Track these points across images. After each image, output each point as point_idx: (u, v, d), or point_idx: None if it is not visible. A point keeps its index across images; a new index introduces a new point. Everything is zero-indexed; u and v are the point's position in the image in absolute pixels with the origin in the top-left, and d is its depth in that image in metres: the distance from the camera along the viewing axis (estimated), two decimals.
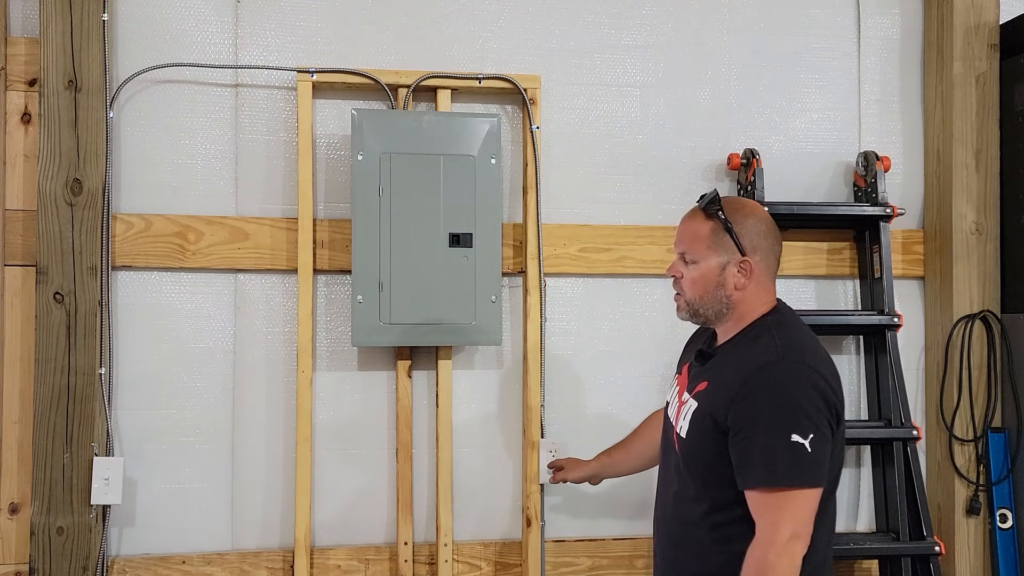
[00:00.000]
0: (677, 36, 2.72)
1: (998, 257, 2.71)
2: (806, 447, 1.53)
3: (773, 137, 2.75)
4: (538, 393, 2.55)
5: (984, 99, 2.71)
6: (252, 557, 2.46)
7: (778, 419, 1.56)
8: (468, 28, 2.62)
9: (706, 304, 1.73)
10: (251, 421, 2.49)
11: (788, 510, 1.53)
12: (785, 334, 1.68)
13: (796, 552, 1.52)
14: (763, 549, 1.53)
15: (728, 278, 1.70)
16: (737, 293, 1.71)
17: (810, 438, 1.54)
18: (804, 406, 1.56)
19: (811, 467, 1.54)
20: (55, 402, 2.32)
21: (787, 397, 1.57)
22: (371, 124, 2.41)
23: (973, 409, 2.68)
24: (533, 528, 2.53)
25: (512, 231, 2.60)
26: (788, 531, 1.52)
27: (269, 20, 2.54)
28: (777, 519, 1.53)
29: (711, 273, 1.71)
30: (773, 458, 1.54)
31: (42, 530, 2.30)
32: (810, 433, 1.54)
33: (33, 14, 2.41)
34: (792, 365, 1.61)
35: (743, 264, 1.69)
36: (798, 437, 1.53)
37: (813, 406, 1.56)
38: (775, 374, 1.60)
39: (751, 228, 1.71)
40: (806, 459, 1.53)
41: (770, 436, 1.55)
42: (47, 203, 2.33)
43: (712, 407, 1.66)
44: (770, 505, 1.54)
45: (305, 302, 2.45)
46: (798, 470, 1.53)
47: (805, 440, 1.53)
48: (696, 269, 1.72)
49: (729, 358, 1.72)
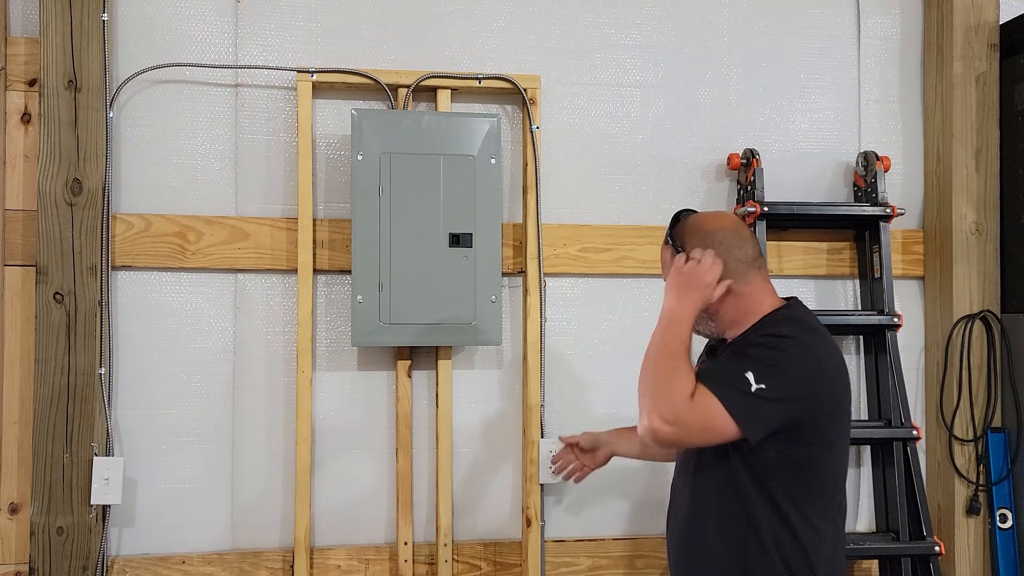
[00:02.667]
0: (677, 36, 2.72)
1: (998, 257, 2.71)
2: (751, 385, 1.57)
3: (773, 137, 2.75)
4: (538, 393, 2.55)
5: (984, 99, 2.71)
6: (252, 557, 2.46)
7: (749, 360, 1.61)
8: (468, 28, 2.62)
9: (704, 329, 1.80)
10: (251, 421, 2.49)
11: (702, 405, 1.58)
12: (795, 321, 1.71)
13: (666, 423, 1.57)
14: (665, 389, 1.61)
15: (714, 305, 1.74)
16: (731, 311, 1.74)
17: (760, 387, 1.58)
18: (777, 363, 1.61)
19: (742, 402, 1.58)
20: (55, 402, 2.32)
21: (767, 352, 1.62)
22: (371, 124, 2.41)
23: (973, 409, 2.68)
24: (533, 528, 2.53)
25: (512, 231, 2.60)
26: (683, 409, 1.57)
27: (269, 20, 2.54)
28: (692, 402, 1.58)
29: None
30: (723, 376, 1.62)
31: (42, 530, 2.30)
32: (762, 383, 1.58)
33: (33, 14, 2.41)
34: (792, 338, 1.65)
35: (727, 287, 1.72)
36: (751, 375, 1.58)
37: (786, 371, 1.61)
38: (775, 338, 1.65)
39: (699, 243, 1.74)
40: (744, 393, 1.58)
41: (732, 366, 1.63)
42: (47, 203, 2.33)
43: None
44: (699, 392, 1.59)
45: (305, 302, 2.45)
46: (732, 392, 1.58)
47: (755, 383, 1.58)
48: None
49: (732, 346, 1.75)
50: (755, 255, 1.76)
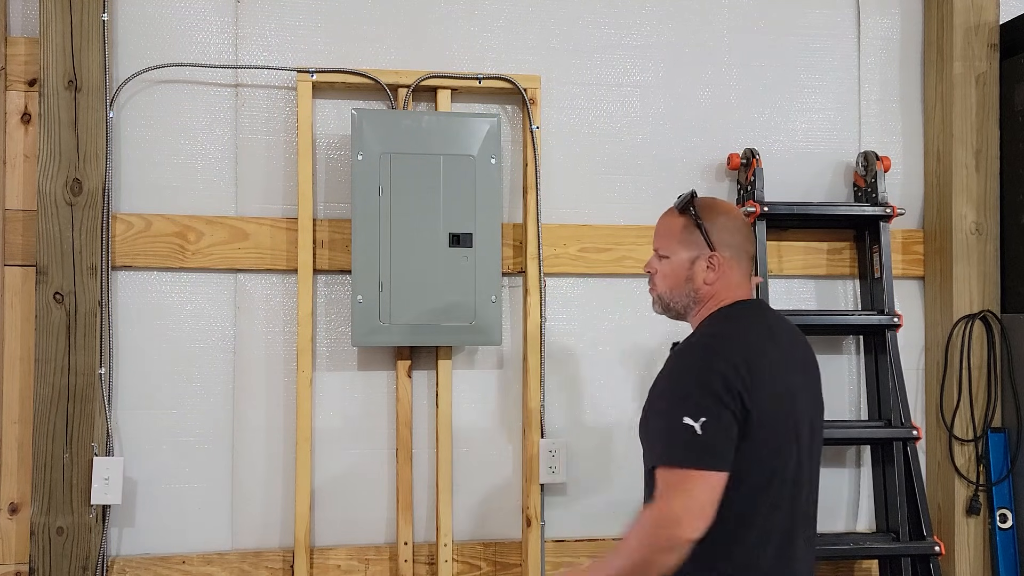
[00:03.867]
0: (677, 36, 2.72)
1: (998, 257, 2.71)
2: (696, 430, 1.54)
3: (773, 137, 2.75)
4: (538, 393, 2.55)
5: (984, 99, 2.71)
6: (252, 557, 2.46)
7: (672, 401, 1.60)
8: (468, 28, 2.62)
9: (676, 297, 1.77)
10: (251, 421, 2.49)
11: (680, 489, 1.54)
12: (718, 325, 1.70)
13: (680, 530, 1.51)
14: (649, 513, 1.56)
15: (697, 272, 1.73)
16: (706, 287, 1.73)
17: (701, 421, 1.54)
18: (694, 390, 1.58)
19: (703, 449, 1.54)
20: (55, 402, 2.32)
21: (682, 380, 1.61)
22: (371, 124, 2.41)
23: (973, 409, 2.68)
24: (533, 528, 2.53)
25: (512, 231, 2.60)
26: (677, 507, 1.52)
27: (269, 20, 2.54)
28: (670, 495, 1.55)
29: (681, 267, 1.75)
30: (667, 438, 1.58)
31: (42, 530, 2.30)
32: (701, 416, 1.55)
33: (33, 14, 2.41)
34: (697, 349, 1.65)
35: (712, 259, 1.73)
36: (689, 420, 1.55)
37: (706, 390, 1.57)
38: (679, 358, 1.66)
39: (721, 225, 1.74)
40: (697, 441, 1.54)
41: (665, 417, 1.59)
42: (47, 203, 2.33)
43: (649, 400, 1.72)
44: (668, 482, 1.56)
45: (305, 302, 2.45)
46: (690, 451, 1.54)
47: (696, 423, 1.54)
48: (668, 264, 1.77)
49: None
50: (751, 256, 1.78)
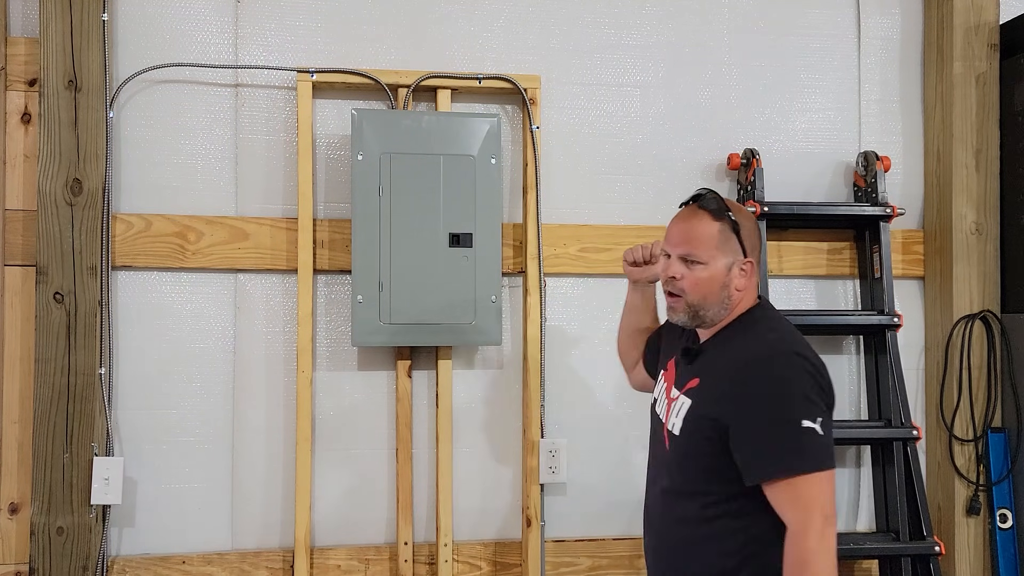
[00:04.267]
0: (677, 36, 2.72)
1: (998, 257, 2.71)
2: (817, 430, 1.54)
3: (773, 137, 2.75)
4: (538, 393, 2.55)
5: (984, 99, 2.71)
6: (252, 557, 2.46)
7: (786, 408, 1.56)
8: (468, 28, 2.62)
9: (709, 306, 1.70)
10: (251, 421, 2.49)
11: (814, 495, 1.53)
12: (773, 327, 1.70)
13: (830, 535, 1.53)
14: (801, 539, 1.53)
15: (732, 279, 1.70)
16: (737, 295, 1.71)
17: (819, 421, 1.55)
18: (807, 392, 1.57)
19: (826, 449, 1.55)
20: (55, 402, 2.32)
21: (789, 385, 1.58)
22: (371, 124, 2.41)
23: (973, 409, 2.68)
24: (533, 528, 2.53)
25: (512, 231, 2.60)
26: (820, 516, 1.52)
27: (269, 20, 2.54)
28: (807, 507, 1.53)
29: (719, 275, 1.69)
30: (789, 446, 1.55)
31: (42, 530, 2.30)
32: (818, 416, 1.55)
33: (33, 14, 2.41)
34: (786, 355, 1.62)
35: (745, 266, 1.70)
36: (808, 422, 1.54)
37: (814, 391, 1.58)
38: (772, 365, 1.61)
39: (750, 229, 1.73)
40: (820, 442, 1.54)
41: (781, 425, 1.55)
42: (47, 203, 2.33)
43: (708, 404, 1.66)
44: (795, 494, 1.54)
45: (305, 302, 2.45)
46: (815, 454, 1.54)
47: (815, 424, 1.54)
48: (704, 270, 1.69)
49: (719, 354, 1.71)
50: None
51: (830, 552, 1.52)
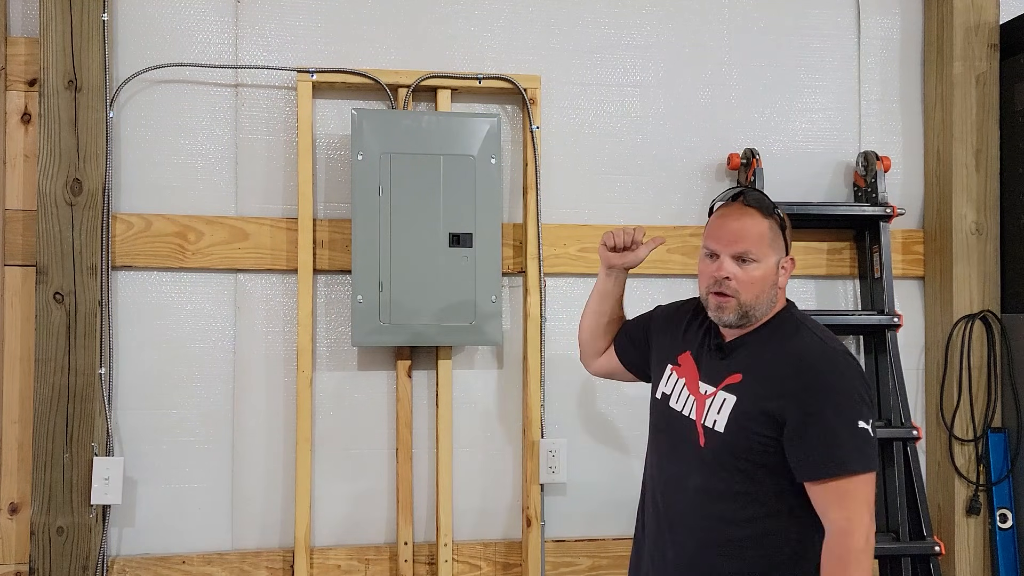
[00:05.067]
0: (677, 36, 2.72)
1: (998, 257, 2.71)
2: (869, 432, 1.57)
3: (773, 137, 2.75)
4: (538, 393, 2.55)
5: (984, 99, 2.71)
6: (252, 557, 2.46)
7: (845, 407, 1.58)
8: (468, 28, 2.62)
9: (759, 304, 1.69)
10: (251, 421, 2.49)
11: (863, 496, 1.55)
12: (815, 327, 1.71)
13: (873, 536, 1.56)
14: (847, 537, 1.53)
15: (781, 277, 1.71)
16: (780, 292, 1.73)
17: (871, 423, 1.58)
18: (862, 393, 1.60)
19: (875, 450, 1.59)
20: (55, 402, 2.32)
21: (848, 385, 1.60)
22: (371, 124, 2.41)
23: (973, 409, 2.68)
24: (533, 528, 2.53)
25: (512, 231, 2.60)
26: (868, 516, 1.55)
27: (269, 20, 2.54)
28: (856, 506, 1.54)
29: (771, 272, 1.69)
30: (846, 446, 1.56)
31: (42, 530, 2.30)
32: (870, 418, 1.59)
33: (33, 14, 2.41)
34: (840, 355, 1.64)
35: (787, 263, 1.72)
36: (863, 423, 1.57)
37: (866, 392, 1.61)
38: (831, 364, 1.62)
39: (790, 226, 1.75)
40: (871, 444, 1.57)
41: (840, 424, 1.57)
42: (47, 203, 2.33)
43: (761, 399, 1.63)
44: (844, 493, 1.55)
45: (305, 302, 2.45)
46: (866, 455, 1.57)
47: (868, 425, 1.57)
48: (758, 269, 1.67)
49: (764, 350, 1.69)
50: None
51: (871, 553, 1.54)
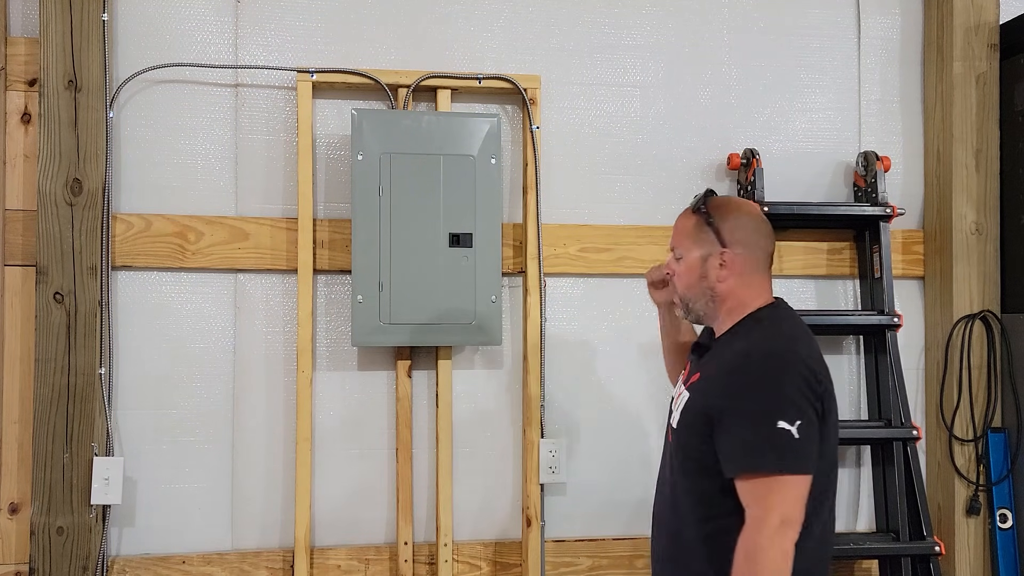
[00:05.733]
0: (677, 36, 2.72)
1: (998, 257, 2.71)
2: (793, 433, 1.54)
3: (773, 137, 2.75)
4: (538, 393, 2.55)
5: (984, 99, 2.71)
6: (252, 557, 2.46)
7: (764, 405, 1.57)
8: (468, 28, 2.62)
9: (693, 297, 1.77)
10: (251, 421, 2.49)
11: (777, 496, 1.53)
12: (775, 325, 1.70)
13: (787, 538, 1.52)
14: (753, 533, 1.53)
15: (710, 270, 1.73)
16: (720, 285, 1.73)
17: (797, 424, 1.54)
18: (789, 393, 1.57)
19: (798, 453, 1.54)
20: (55, 402, 2.32)
21: (772, 383, 1.58)
22: (371, 124, 2.41)
23: (973, 409, 2.68)
24: (533, 528, 2.53)
25: (512, 231, 2.60)
26: (777, 517, 1.52)
27: (269, 20, 2.54)
28: (766, 505, 1.53)
29: (694, 265, 1.75)
30: (761, 444, 1.55)
31: (42, 530, 2.30)
32: (797, 420, 1.54)
33: (33, 14, 2.41)
34: (777, 353, 1.62)
35: (722, 255, 1.72)
36: (785, 423, 1.54)
37: (799, 393, 1.57)
38: (760, 362, 1.62)
39: (733, 222, 1.74)
40: (793, 445, 1.54)
41: (757, 422, 1.56)
42: (47, 203, 2.33)
43: (702, 398, 1.68)
44: (759, 491, 1.55)
45: (305, 302, 2.45)
46: (785, 456, 1.54)
47: (792, 426, 1.54)
48: (683, 263, 1.77)
49: (721, 350, 1.74)
50: (769, 253, 1.78)
51: (782, 555, 1.51)
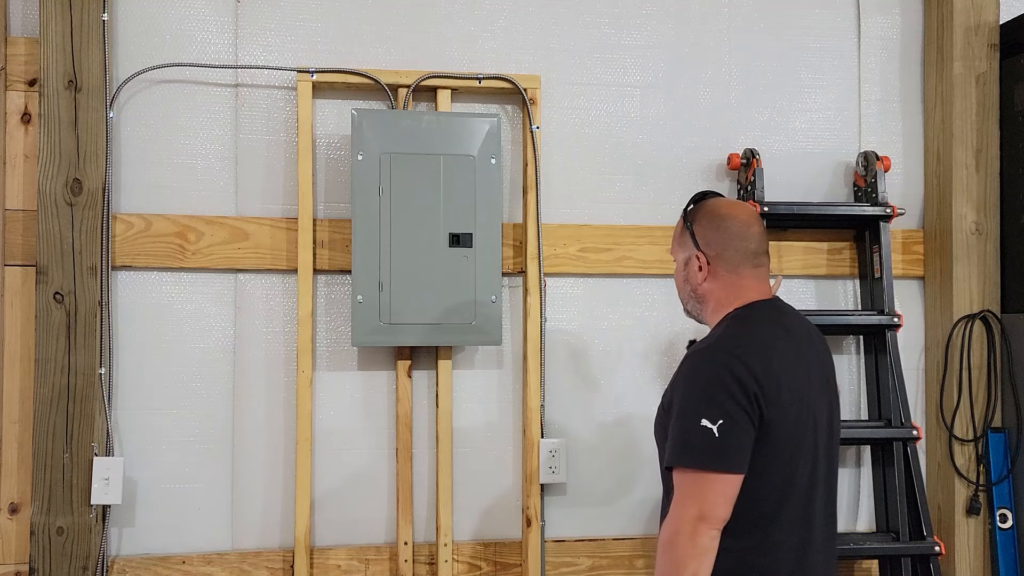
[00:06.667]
0: (677, 36, 2.72)
1: (998, 257, 2.71)
2: (714, 432, 1.57)
3: (773, 137, 2.75)
4: (538, 393, 2.55)
5: (984, 99, 2.71)
6: (252, 557, 2.46)
7: (691, 403, 1.62)
8: (468, 28, 2.62)
9: (684, 299, 1.85)
10: (251, 421, 2.49)
11: (696, 491, 1.57)
12: (737, 326, 1.70)
13: (700, 533, 1.55)
14: (669, 525, 1.59)
15: (691, 273, 1.79)
16: (700, 287, 1.78)
17: (719, 424, 1.57)
18: (712, 392, 1.59)
19: (718, 452, 1.57)
20: (55, 402, 2.32)
21: (700, 383, 1.63)
22: (371, 124, 2.41)
23: (973, 409, 2.68)
24: (533, 528, 2.53)
25: (512, 231, 2.60)
26: (694, 512, 1.56)
27: (269, 20, 2.54)
28: (685, 499, 1.58)
29: (679, 268, 1.83)
30: (684, 440, 1.60)
31: (42, 530, 2.30)
32: (719, 419, 1.57)
33: (33, 14, 2.41)
34: (714, 353, 1.65)
35: (697, 258, 1.77)
36: (707, 422, 1.57)
37: (724, 393, 1.58)
38: (695, 360, 1.68)
39: (706, 224, 1.77)
40: (714, 443, 1.56)
41: (684, 419, 1.61)
42: (47, 203, 2.33)
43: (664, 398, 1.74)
44: (681, 485, 1.60)
45: (305, 302, 2.45)
46: (706, 453, 1.57)
47: (713, 425, 1.57)
48: (676, 267, 1.85)
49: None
50: (755, 252, 1.75)
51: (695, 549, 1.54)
